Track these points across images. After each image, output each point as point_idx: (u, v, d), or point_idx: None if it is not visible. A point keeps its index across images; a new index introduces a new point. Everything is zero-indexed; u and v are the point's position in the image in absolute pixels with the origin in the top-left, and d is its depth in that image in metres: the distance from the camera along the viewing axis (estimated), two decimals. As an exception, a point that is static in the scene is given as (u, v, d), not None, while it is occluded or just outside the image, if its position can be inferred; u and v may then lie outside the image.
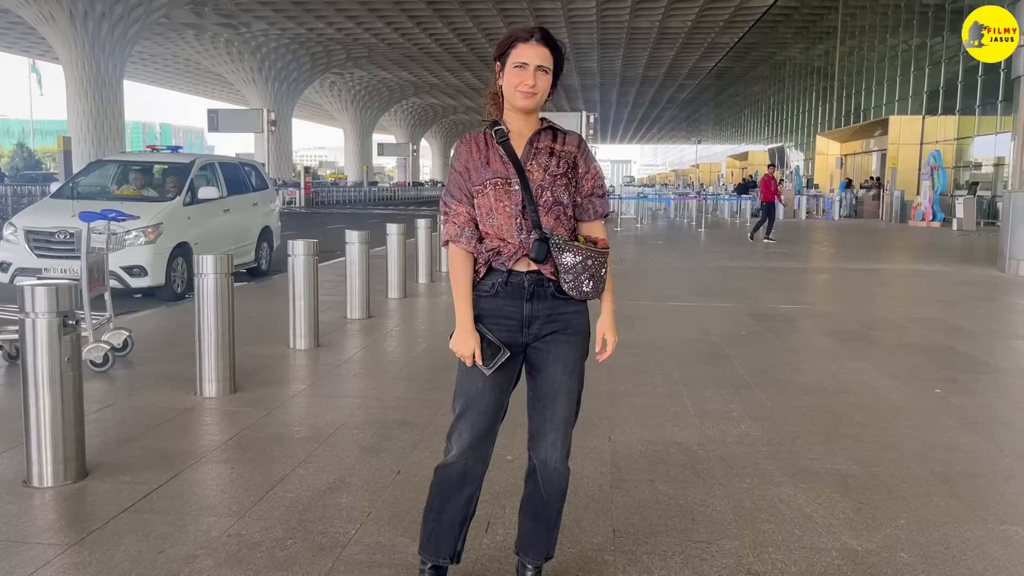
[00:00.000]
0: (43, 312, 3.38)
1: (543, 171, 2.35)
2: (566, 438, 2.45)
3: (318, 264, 6.65)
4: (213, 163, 11.03)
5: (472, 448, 2.42)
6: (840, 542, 3.00)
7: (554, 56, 2.36)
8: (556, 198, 2.35)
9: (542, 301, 2.36)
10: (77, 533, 3.00)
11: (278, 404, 4.80)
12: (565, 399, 2.42)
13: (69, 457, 3.47)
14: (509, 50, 2.35)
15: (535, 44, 2.33)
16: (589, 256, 2.32)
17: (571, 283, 2.32)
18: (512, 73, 2.33)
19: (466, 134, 2.46)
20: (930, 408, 4.86)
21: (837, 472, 3.72)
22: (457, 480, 2.45)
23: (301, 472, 3.66)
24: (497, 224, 2.34)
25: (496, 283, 2.36)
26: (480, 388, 2.38)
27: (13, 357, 5.69)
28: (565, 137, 2.43)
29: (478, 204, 2.37)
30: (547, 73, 2.34)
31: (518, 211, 2.33)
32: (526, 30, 2.36)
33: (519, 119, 2.40)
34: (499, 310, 2.38)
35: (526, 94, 2.31)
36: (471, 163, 2.38)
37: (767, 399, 4.97)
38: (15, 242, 8.91)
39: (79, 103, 38.78)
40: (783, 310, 8.60)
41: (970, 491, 3.53)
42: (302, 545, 2.92)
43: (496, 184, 2.34)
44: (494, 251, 2.35)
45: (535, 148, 2.38)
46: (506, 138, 2.37)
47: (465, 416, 2.41)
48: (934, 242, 19.12)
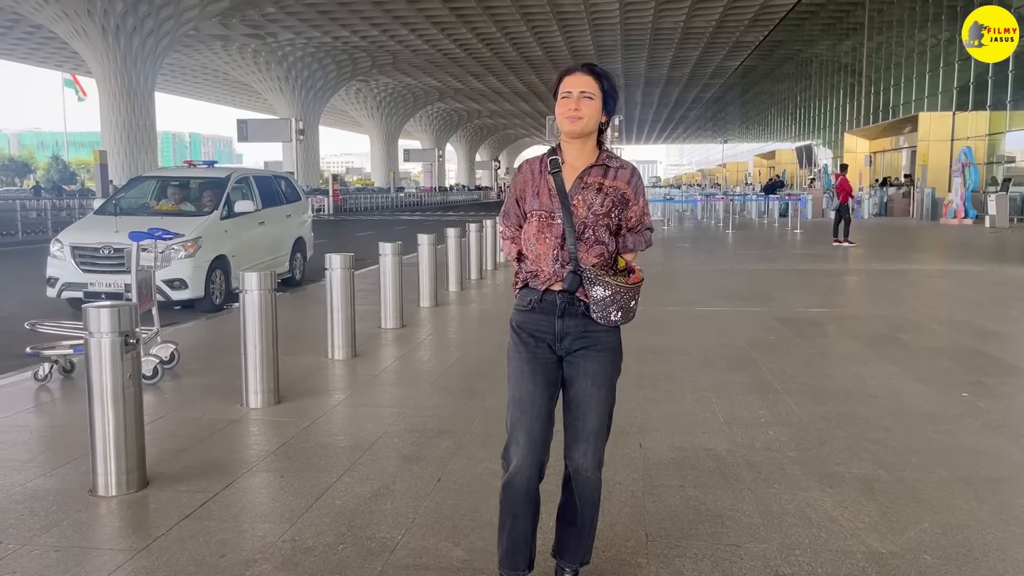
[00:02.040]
0: (107, 332, 3.60)
1: (587, 208, 2.49)
2: (597, 449, 2.58)
3: (354, 276, 6.86)
4: (248, 177, 11.32)
5: (530, 452, 2.50)
6: (865, 545, 3.12)
7: (600, 83, 2.50)
8: (598, 237, 2.50)
9: (573, 319, 2.52)
10: (143, 539, 3.21)
11: (321, 414, 5.01)
12: (595, 411, 2.55)
13: (131, 468, 3.69)
14: (558, 86, 2.53)
15: (578, 74, 2.50)
16: (619, 291, 2.47)
17: (600, 313, 2.49)
18: (559, 103, 2.50)
19: (524, 162, 2.63)
20: (957, 412, 4.94)
21: (863, 476, 3.84)
22: (523, 497, 2.54)
23: (347, 480, 3.85)
24: (536, 252, 2.52)
25: (532, 299, 2.54)
26: (531, 392, 2.51)
27: (68, 371, 5.95)
28: (617, 172, 2.54)
29: (525, 230, 2.57)
30: (592, 99, 2.47)
31: (557, 243, 2.48)
32: (569, 65, 2.56)
33: (573, 148, 2.54)
34: (534, 323, 2.55)
35: (571, 119, 2.47)
36: (526, 191, 2.57)
37: (794, 404, 5.08)
38: (62, 258, 9.24)
39: (112, 115, 39.60)
40: (811, 314, 8.68)
41: (994, 495, 3.63)
42: (352, 550, 3.11)
43: (541, 216, 2.51)
44: (532, 273, 2.55)
45: (584, 183, 2.51)
46: (558, 169, 2.51)
47: (519, 422, 2.52)
48: (966, 241, 18.98)
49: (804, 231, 22.20)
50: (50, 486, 3.80)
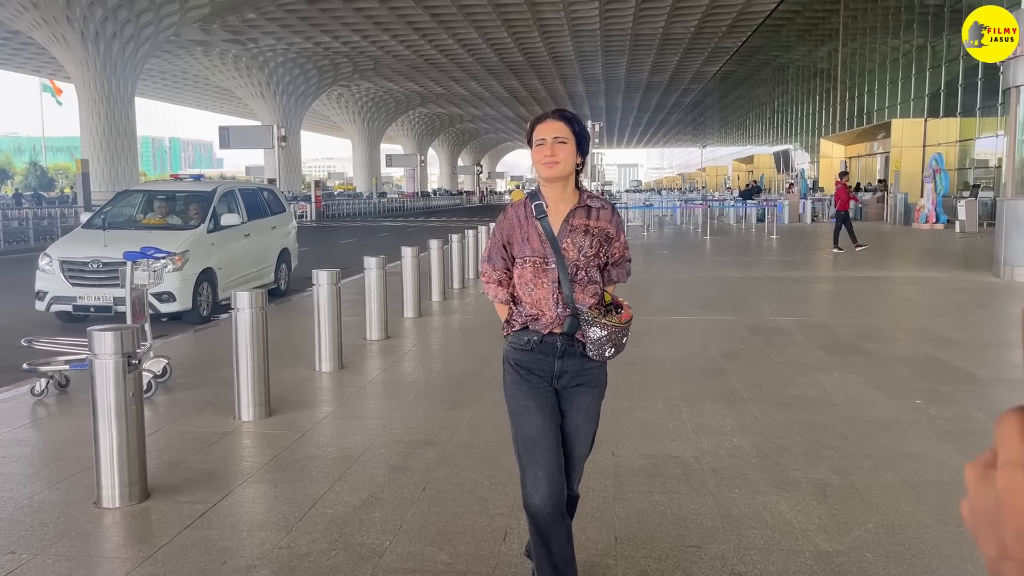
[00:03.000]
0: (110, 353, 3.84)
1: (578, 251, 2.64)
2: (579, 471, 2.87)
3: (340, 291, 7.10)
4: (233, 190, 11.53)
5: (549, 484, 2.58)
6: (814, 544, 3.42)
7: (571, 127, 2.64)
8: (590, 277, 2.66)
9: (571, 359, 2.68)
10: (149, 548, 3.46)
11: (311, 426, 5.26)
12: (583, 441, 2.79)
13: (133, 481, 3.93)
14: (532, 133, 2.68)
15: (550, 121, 2.65)
16: (614, 331, 2.63)
17: (595, 352, 2.66)
18: (535, 150, 2.65)
19: (508, 206, 2.77)
20: (909, 419, 5.27)
21: (817, 481, 4.15)
22: (553, 524, 2.62)
23: (337, 490, 4.11)
24: (536, 297, 2.65)
25: (532, 340, 2.68)
26: (542, 427, 2.63)
27: (63, 386, 6.16)
28: (599, 212, 2.70)
29: (518, 275, 2.69)
30: (565, 143, 2.61)
31: (555, 288, 2.63)
32: (543, 113, 2.72)
33: (555, 191, 2.68)
34: (533, 363, 2.69)
35: (548, 164, 2.61)
36: (514, 237, 2.70)
37: (759, 413, 5.39)
38: (51, 272, 9.42)
39: (92, 122, 39.47)
40: (781, 322, 9.01)
41: (935, 497, 3.94)
42: (344, 556, 3.37)
43: (535, 262, 2.64)
44: (532, 317, 2.68)
45: (571, 226, 2.66)
46: (544, 214, 2.65)
47: (534, 457, 2.61)
48: (936, 246, 19.46)
49: (780, 236, 22.62)
50: (56, 498, 4.03)
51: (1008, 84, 12.94)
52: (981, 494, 0.51)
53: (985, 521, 0.50)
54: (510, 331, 2.74)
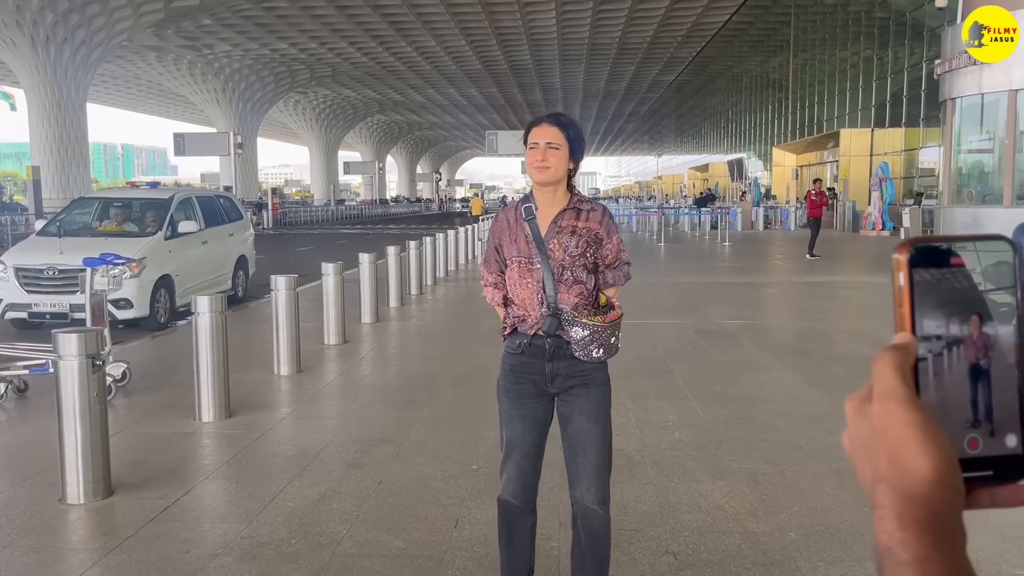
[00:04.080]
0: (74, 355, 3.97)
1: (563, 251, 2.66)
2: (600, 483, 2.73)
3: (298, 296, 7.26)
4: (191, 197, 11.58)
5: (521, 484, 2.75)
6: (743, 526, 3.70)
7: (565, 133, 2.67)
8: (576, 277, 2.67)
9: (562, 360, 2.68)
10: (114, 540, 3.60)
11: (270, 426, 5.41)
12: (594, 446, 2.71)
13: (97, 478, 4.06)
14: (527, 136, 2.70)
15: (544, 125, 2.68)
16: (597, 330, 2.63)
17: (581, 351, 2.65)
18: (528, 153, 2.68)
19: (500, 210, 2.85)
20: (840, 413, 5.52)
21: (750, 471, 4.43)
22: (517, 512, 2.79)
23: (296, 484, 4.28)
24: (521, 297, 2.70)
25: (522, 343, 2.70)
26: (520, 432, 2.72)
27: (21, 390, 6.22)
28: (589, 214, 2.72)
29: (508, 276, 2.73)
30: (558, 149, 2.64)
31: (539, 287, 2.65)
32: (536, 117, 2.75)
33: (545, 195, 2.72)
34: (526, 366, 2.71)
35: (539, 168, 2.65)
36: (504, 238, 2.75)
37: (700, 409, 5.68)
38: (6, 279, 9.39)
39: (43, 128, 38.71)
40: (727, 326, 9.36)
41: (857, 483, 4.22)
42: (303, 543, 3.55)
43: (520, 262, 2.68)
44: (519, 318, 2.71)
45: (558, 226, 2.69)
46: (533, 216, 2.70)
47: (510, 458, 2.75)
48: (881, 252, 20.11)
49: (732, 244, 23.18)
50: (21, 496, 4.15)
51: (944, 97, 13.54)
52: (858, 425, 0.54)
53: (862, 450, 0.53)
54: (504, 334, 2.79)
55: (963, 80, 12.77)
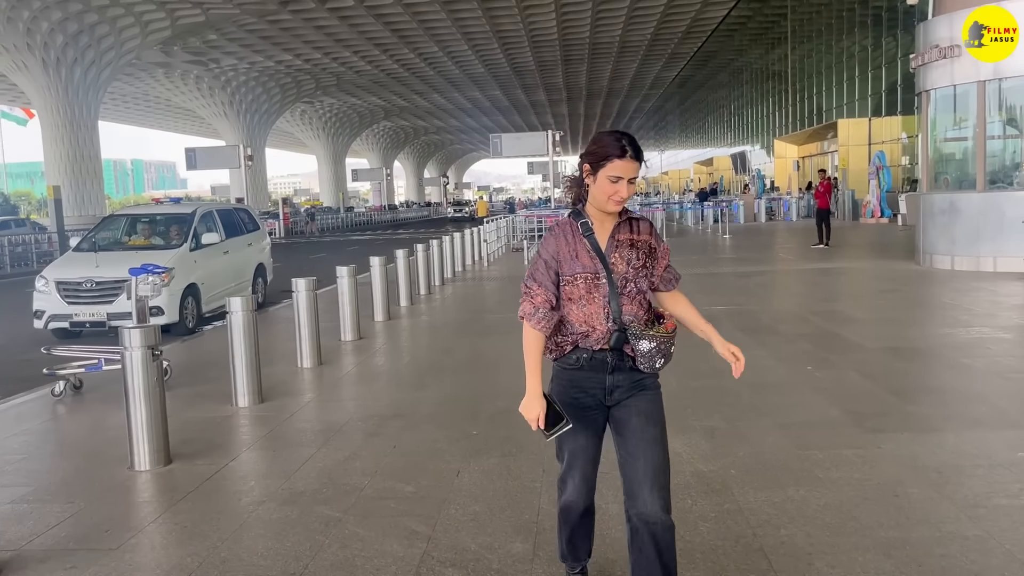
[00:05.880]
0: (139, 346, 4.79)
1: (626, 264, 2.69)
2: (663, 489, 2.63)
3: (317, 297, 8.07)
4: (212, 211, 12.43)
5: (586, 487, 2.83)
6: (693, 467, 4.47)
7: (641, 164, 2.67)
8: (639, 287, 2.71)
9: (622, 373, 2.71)
10: (180, 494, 4.42)
11: (298, 408, 6.23)
12: (653, 448, 2.67)
13: (159, 448, 4.88)
14: (605, 162, 2.63)
15: (629, 160, 2.62)
16: (662, 341, 2.66)
17: (646, 364, 2.68)
18: (607, 183, 2.63)
19: (554, 225, 2.79)
20: (797, 381, 6.36)
21: (709, 427, 5.20)
22: (580, 513, 2.90)
23: (324, 451, 5.09)
24: (588, 313, 2.67)
25: (581, 358, 2.70)
26: (584, 444, 2.76)
27: (77, 388, 7.06)
28: (639, 225, 2.77)
29: (568, 292, 2.69)
30: (634, 181, 2.64)
31: (606, 302, 2.66)
32: (618, 145, 2.63)
33: (600, 212, 2.73)
34: (585, 380, 2.72)
35: (616, 202, 2.65)
36: (562, 255, 2.70)
37: (674, 381, 6.42)
38: (48, 292, 10.27)
39: (56, 147, 39.69)
40: (711, 311, 10.09)
41: (798, 433, 5.01)
42: (333, 491, 4.35)
43: (587, 278, 2.66)
44: (583, 334, 2.69)
45: (617, 241, 2.71)
46: (591, 231, 2.70)
47: (574, 466, 2.79)
48: (877, 239, 20.80)
49: (732, 236, 23.88)
50: (95, 466, 4.97)
51: (919, 89, 14.21)
52: None
53: None
54: (560, 354, 2.76)
55: (935, 73, 13.39)
